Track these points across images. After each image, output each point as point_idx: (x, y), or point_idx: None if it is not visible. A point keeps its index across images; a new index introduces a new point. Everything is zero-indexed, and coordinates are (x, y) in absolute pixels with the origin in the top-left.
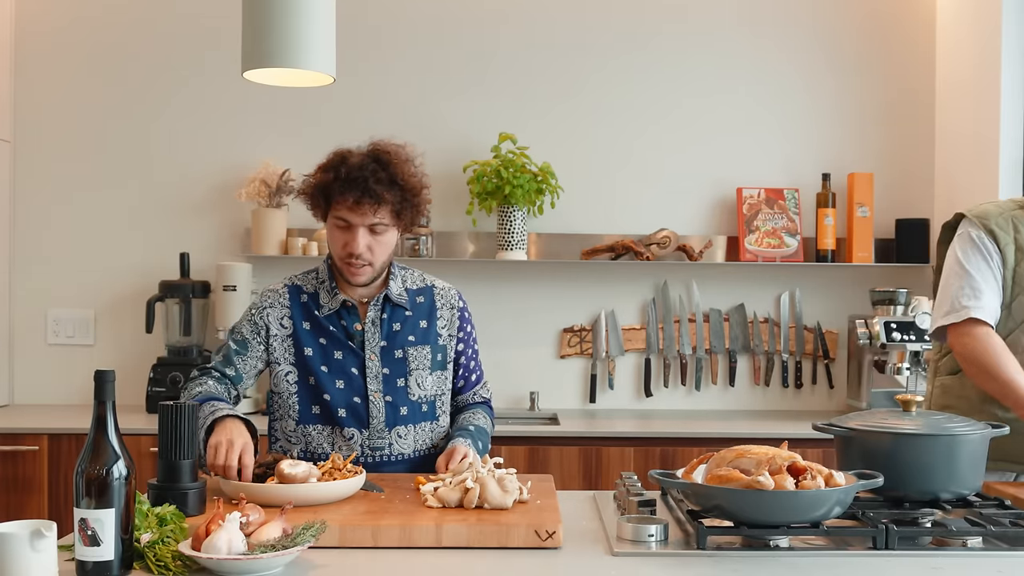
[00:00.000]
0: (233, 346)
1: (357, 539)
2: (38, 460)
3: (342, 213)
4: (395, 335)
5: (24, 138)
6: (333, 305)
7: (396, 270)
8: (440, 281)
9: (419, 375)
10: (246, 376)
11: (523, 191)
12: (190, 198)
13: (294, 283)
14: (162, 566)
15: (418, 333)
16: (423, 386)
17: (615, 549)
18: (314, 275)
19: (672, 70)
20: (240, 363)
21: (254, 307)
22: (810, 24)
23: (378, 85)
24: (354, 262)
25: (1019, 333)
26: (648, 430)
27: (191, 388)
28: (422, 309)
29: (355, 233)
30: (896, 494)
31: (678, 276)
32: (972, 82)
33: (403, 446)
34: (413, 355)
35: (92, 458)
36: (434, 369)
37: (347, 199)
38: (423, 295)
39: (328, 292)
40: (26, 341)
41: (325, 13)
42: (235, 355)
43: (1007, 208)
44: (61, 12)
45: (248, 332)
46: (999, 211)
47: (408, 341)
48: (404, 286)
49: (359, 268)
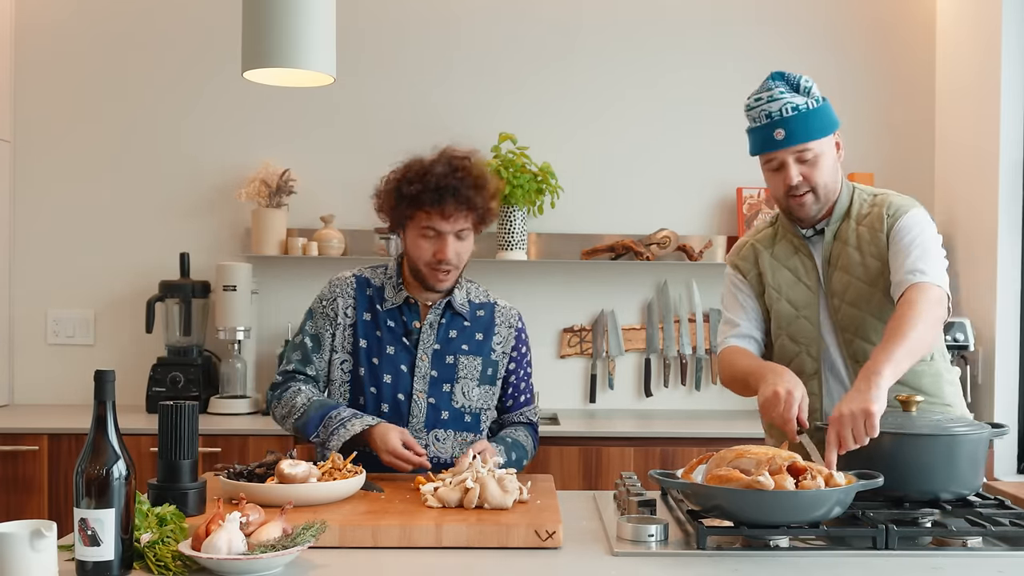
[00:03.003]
0: (310, 343)
1: (357, 539)
2: (38, 460)
3: (433, 222)
4: (450, 341)
5: (24, 138)
6: (397, 300)
7: (463, 282)
8: (503, 300)
9: (466, 384)
10: (323, 372)
11: (523, 191)
12: (190, 198)
13: (363, 275)
14: (162, 566)
15: (472, 344)
16: (468, 396)
17: (615, 549)
18: (383, 271)
19: (672, 70)
20: (318, 360)
21: (324, 298)
22: (811, 25)
23: (378, 85)
24: (442, 268)
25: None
26: (648, 430)
27: (286, 399)
28: (481, 322)
29: (445, 240)
30: (896, 494)
31: (678, 276)
32: (972, 85)
33: (441, 450)
34: (464, 364)
35: (92, 458)
36: (482, 382)
37: (439, 208)
38: (484, 310)
39: (394, 288)
40: (26, 341)
41: (325, 13)
42: (313, 353)
43: (755, 232)
44: (61, 12)
45: (322, 324)
46: (743, 241)
47: (461, 349)
48: (468, 297)
49: (447, 273)
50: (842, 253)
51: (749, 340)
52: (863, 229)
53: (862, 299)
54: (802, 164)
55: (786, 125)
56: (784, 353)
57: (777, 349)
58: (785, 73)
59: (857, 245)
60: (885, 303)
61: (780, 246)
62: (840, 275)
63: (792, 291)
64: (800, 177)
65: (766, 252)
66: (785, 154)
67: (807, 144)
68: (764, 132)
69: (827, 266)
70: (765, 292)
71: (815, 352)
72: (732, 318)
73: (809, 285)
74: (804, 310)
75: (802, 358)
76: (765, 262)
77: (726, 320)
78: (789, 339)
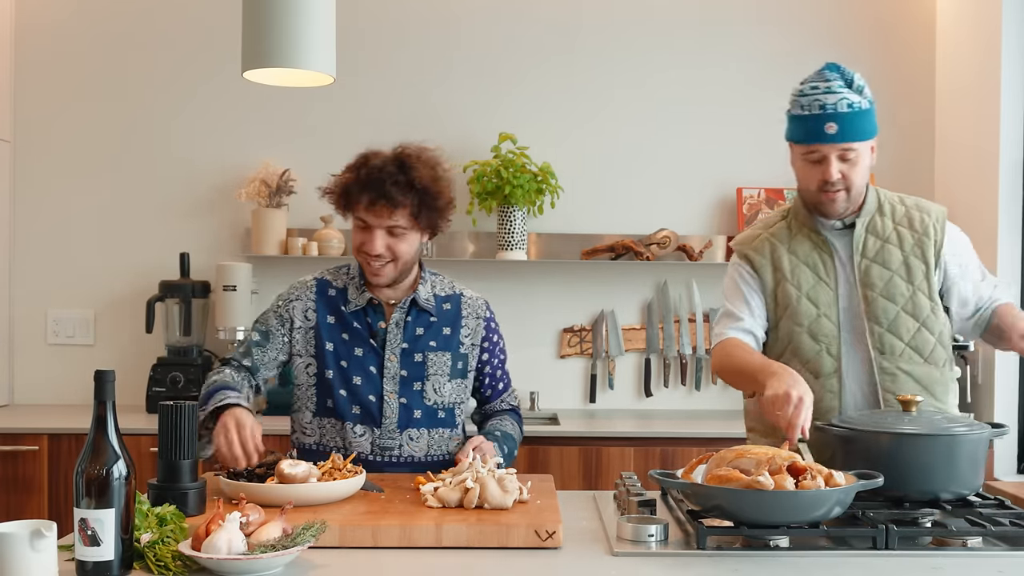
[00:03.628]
0: (255, 337)
1: (357, 539)
2: (38, 460)
3: (360, 214)
4: (417, 339)
5: (24, 138)
6: (360, 302)
7: (427, 275)
8: (469, 290)
9: (437, 381)
10: (264, 367)
11: (523, 191)
12: (190, 198)
13: (323, 277)
14: (162, 566)
15: (440, 339)
16: (440, 392)
17: (615, 549)
18: (345, 271)
19: (673, 71)
20: (259, 354)
21: (281, 299)
22: (812, 25)
23: (378, 85)
24: (372, 261)
25: (788, 355)
26: (648, 430)
27: (209, 378)
28: (448, 316)
29: (373, 234)
30: (896, 494)
31: (678, 276)
32: (972, 84)
33: (415, 449)
34: (433, 360)
35: (92, 458)
36: (453, 377)
37: (364, 200)
38: (450, 302)
39: (357, 289)
40: (26, 341)
41: (325, 13)
42: (255, 346)
43: (767, 225)
44: (61, 12)
45: (273, 324)
46: (755, 233)
47: (430, 346)
48: (433, 292)
49: (378, 268)
50: (881, 249)
51: (749, 336)
52: (903, 230)
53: (899, 294)
54: (843, 162)
55: (840, 121)
56: (802, 351)
57: (794, 348)
58: (840, 66)
59: (899, 244)
60: (920, 302)
61: (797, 242)
62: (879, 269)
63: (814, 290)
64: (839, 175)
65: (782, 247)
66: (831, 149)
67: (854, 144)
68: (814, 123)
69: (861, 258)
70: (779, 287)
71: (835, 351)
72: (734, 311)
73: (829, 283)
74: (826, 309)
75: (822, 356)
76: (783, 257)
77: (727, 312)
78: (810, 337)
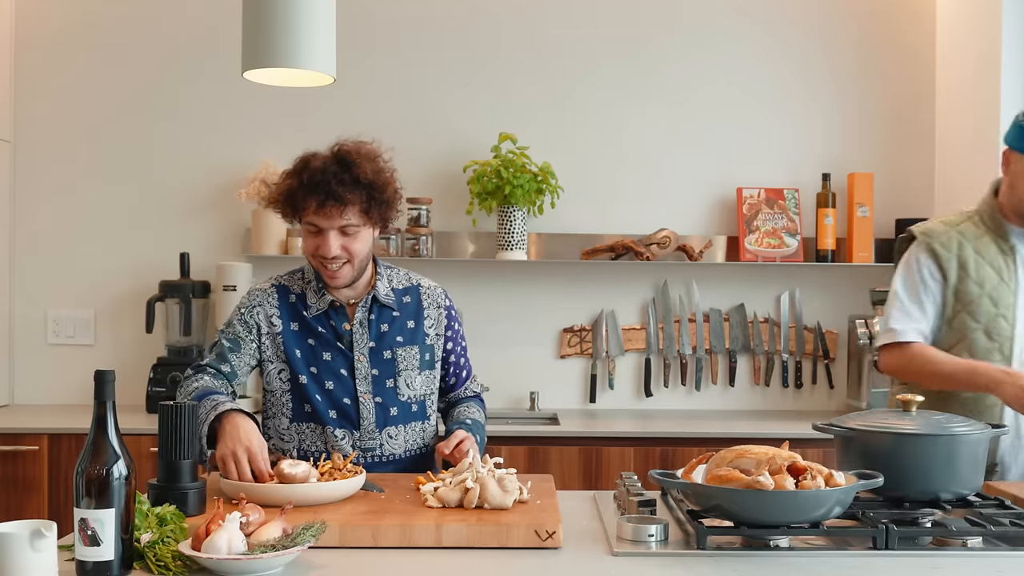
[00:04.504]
0: (227, 343)
1: (357, 539)
2: (38, 460)
3: (310, 218)
4: (383, 336)
5: (24, 138)
6: (321, 306)
7: (382, 270)
8: (426, 280)
9: (408, 375)
10: (240, 373)
11: (523, 191)
12: (190, 198)
13: (280, 283)
14: (162, 566)
15: (406, 334)
16: (412, 386)
17: (615, 549)
18: (299, 276)
19: (672, 70)
20: (235, 360)
21: (243, 307)
22: (810, 24)
23: (378, 85)
24: (329, 265)
25: (960, 348)
26: (648, 430)
27: (187, 385)
28: (409, 309)
29: (326, 237)
30: (896, 494)
31: (678, 276)
32: (972, 82)
33: (394, 447)
34: (402, 356)
35: (92, 458)
36: (422, 369)
37: (312, 203)
38: (409, 295)
39: (315, 292)
40: (26, 341)
41: (325, 13)
42: (229, 352)
43: (953, 223)
44: (61, 12)
45: (241, 330)
46: (944, 228)
47: (396, 342)
48: (391, 286)
49: (336, 271)
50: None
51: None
52: None
53: None
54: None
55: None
56: (976, 347)
57: (968, 344)
58: None
59: None
60: None
61: (983, 243)
62: None
63: (996, 290)
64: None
65: (969, 245)
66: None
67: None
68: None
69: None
70: (962, 283)
71: (1007, 351)
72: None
73: (1010, 286)
74: (1004, 309)
75: (993, 355)
76: (969, 254)
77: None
78: (985, 335)
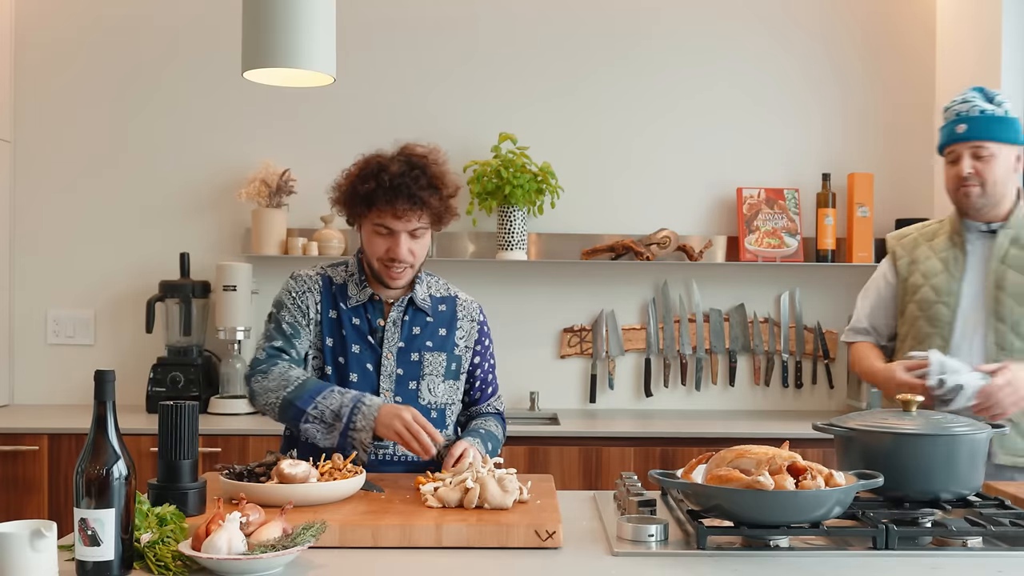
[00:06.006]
0: (288, 330)
1: (357, 539)
2: (38, 460)
3: (386, 221)
4: (414, 338)
5: (24, 138)
6: (361, 298)
7: (423, 276)
8: (464, 293)
9: (431, 381)
10: (303, 358)
11: (523, 191)
12: (190, 198)
13: (326, 272)
14: (162, 566)
15: (436, 340)
16: (434, 392)
17: (615, 549)
18: (343, 268)
19: (672, 70)
20: (299, 345)
21: (294, 291)
22: (810, 24)
23: (378, 85)
24: (395, 266)
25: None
26: (648, 430)
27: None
28: (443, 317)
29: (398, 239)
30: (896, 494)
31: (678, 276)
32: (972, 82)
33: None
34: (428, 360)
35: (92, 458)
36: (447, 377)
37: (392, 207)
38: (445, 304)
39: (357, 285)
40: (26, 341)
41: (325, 13)
42: (294, 338)
43: (924, 227)
44: (61, 12)
45: (297, 315)
46: (912, 231)
47: (426, 346)
48: (429, 292)
49: (401, 271)
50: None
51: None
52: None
53: None
54: (976, 160)
55: (970, 122)
56: (919, 334)
57: (914, 332)
58: (984, 88)
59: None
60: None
61: (939, 239)
62: (1015, 275)
63: (937, 279)
64: (971, 170)
65: (925, 244)
66: (962, 147)
67: (983, 142)
68: (950, 127)
69: (999, 263)
70: (911, 277)
71: (947, 335)
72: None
73: (955, 275)
74: (946, 297)
75: (934, 340)
76: (922, 251)
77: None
78: (926, 322)
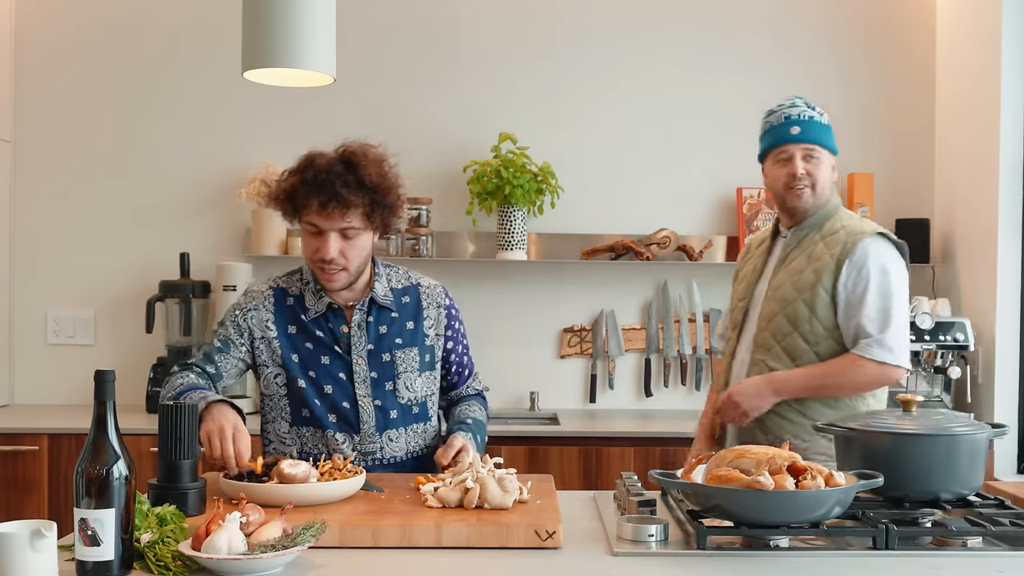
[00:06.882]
0: (216, 343)
1: (357, 539)
2: (38, 460)
3: (311, 218)
4: (382, 338)
5: (24, 138)
6: (319, 308)
7: (381, 269)
8: (426, 279)
9: (407, 378)
10: (226, 375)
11: (523, 191)
12: (190, 198)
13: (279, 285)
14: (162, 566)
15: (405, 335)
16: (412, 388)
17: (615, 549)
18: (298, 276)
19: (672, 70)
20: (221, 361)
21: (237, 308)
22: (812, 26)
23: (378, 85)
24: (327, 267)
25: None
26: (648, 430)
27: (172, 381)
28: (408, 310)
29: (326, 238)
30: (896, 494)
31: (678, 276)
32: (972, 82)
33: (395, 449)
34: (401, 358)
35: (92, 458)
36: (422, 370)
37: (314, 203)
38: (408, 294)
39: (313, 294)
40: (26, 341)
41: (325, 13)
42: (216, 353)
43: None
44: (61, 12)
45: (232, 332)
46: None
47: (395, 344)
48: (389, 286)
49: (333, 273)
50: (796, 258)
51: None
52: (821, 244)
53: (786, 300)
54: (807, 162)
55: (802, 125)
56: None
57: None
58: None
59: (809, 254)
60: (800, 311)
61: (763, 245)
62: (782, 274)
63: (743, 283)
64: (804, 171)
65: (755, 249)
66: (795, 148)
67: (815, 146)
68: (781, 128)
69: (779, 264)
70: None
71: (739, 332)
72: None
73: (750, 280)
74: (740, 301)
75: (733, 343)
76: (749, 258)
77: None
78: (731, 324)
